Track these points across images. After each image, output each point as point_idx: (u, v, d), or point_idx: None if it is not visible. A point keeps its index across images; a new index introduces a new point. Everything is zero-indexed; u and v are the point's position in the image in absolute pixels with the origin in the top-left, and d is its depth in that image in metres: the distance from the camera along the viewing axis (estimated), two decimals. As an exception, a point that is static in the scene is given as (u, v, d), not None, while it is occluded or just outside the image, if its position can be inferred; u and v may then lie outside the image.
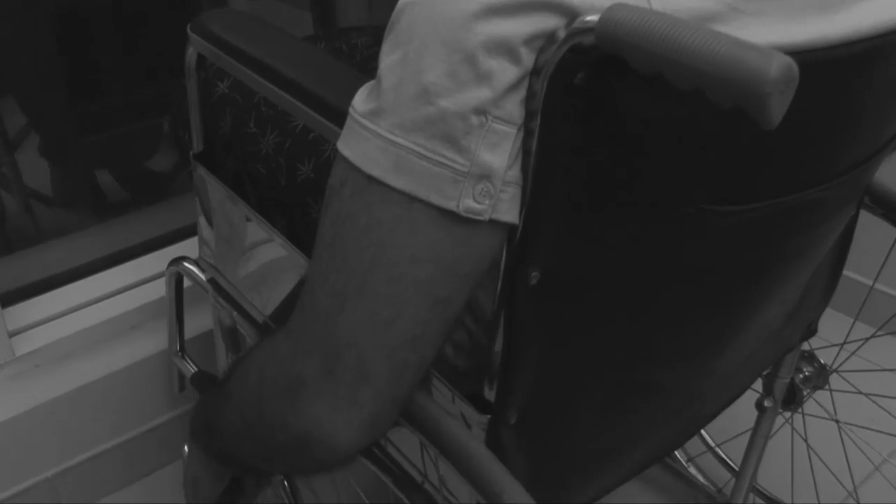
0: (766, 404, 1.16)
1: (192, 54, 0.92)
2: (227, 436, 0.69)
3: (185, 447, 0.83)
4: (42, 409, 1.29)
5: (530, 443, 0.72)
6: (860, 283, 1.62)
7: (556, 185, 0.54)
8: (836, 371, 1.23)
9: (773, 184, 0.64)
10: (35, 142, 1.75)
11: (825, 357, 1.19)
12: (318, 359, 0.57)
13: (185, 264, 1.14)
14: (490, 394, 0.66)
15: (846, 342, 1.28)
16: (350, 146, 0.54)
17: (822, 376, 1.19)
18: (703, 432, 1.49)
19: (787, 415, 1.30)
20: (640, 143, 0.56)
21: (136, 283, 1.45)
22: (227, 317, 1.07)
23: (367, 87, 0.54)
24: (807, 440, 1.40)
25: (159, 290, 1.43)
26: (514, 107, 0.50)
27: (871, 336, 1.37)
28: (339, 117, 0.61)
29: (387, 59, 0.52)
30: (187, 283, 1.19)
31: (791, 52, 0.44)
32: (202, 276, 1.11)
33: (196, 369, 1.25)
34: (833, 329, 1.23)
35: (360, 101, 0.54)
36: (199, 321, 1.36)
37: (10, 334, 1.32)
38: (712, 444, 1.49)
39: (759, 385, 1.15)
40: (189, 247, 1.49)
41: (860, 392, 1.36)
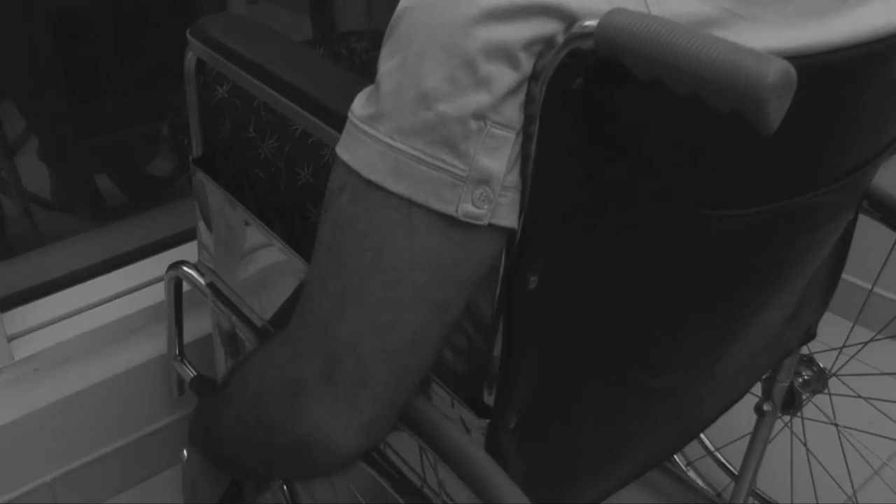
0: (765, 408, 1.16)
1: (191, 59, 0.92)
2: (227, 440, 0.69)
3: (184, 451, 0.83)
4: (41, 414, 1.29)
5: (529, 447, 0.72)
6: (859, 286, 1.62)
7: (554, 189, 0.54)
8: (836, 375, 1.23)
9: (772, 188, 0.64)
10: (34, 146, 1.75)
11: (824, 361, 1.19)
12: (318, 363, 0.57)
13: (185, 268, 1.14)
14: (489, 398, 0.66)
15: (845, 346, 1.28)
16: (349, 151, 0.54)
17: (821, 380, 1.19)
18: (702, 436, 1.49)
19: (787, 419, 1.31)
20: (639, 148, 0.56)
21: (135, 288, 1.45)
22: (226, 321, 1.07)
23: (366, 91, 0.54)
24: (806, 444, 1.40)
25: (158, 294, 1.42)
26: (513, 111, 0.50)
27: (871, 340, 1.37)
28: (338, 122, 0.61)
29: (386, 63, 0.52)
30: (186, 287, 1.19)
31: (789, 56, 0.44)
32: (201, 280, 1.11)
33: (195, 373, 1.25)
34: (832, 333, 1.23)
35: (359, 106, 0.54)
36: (198, 325, 1.36)
37: (9, 338, 1.32)
38: (711, 448, 1.48)
39: (758, 389, 1.15)
40: (188, 251, 1.49)
41: (859, 396, 1.36)
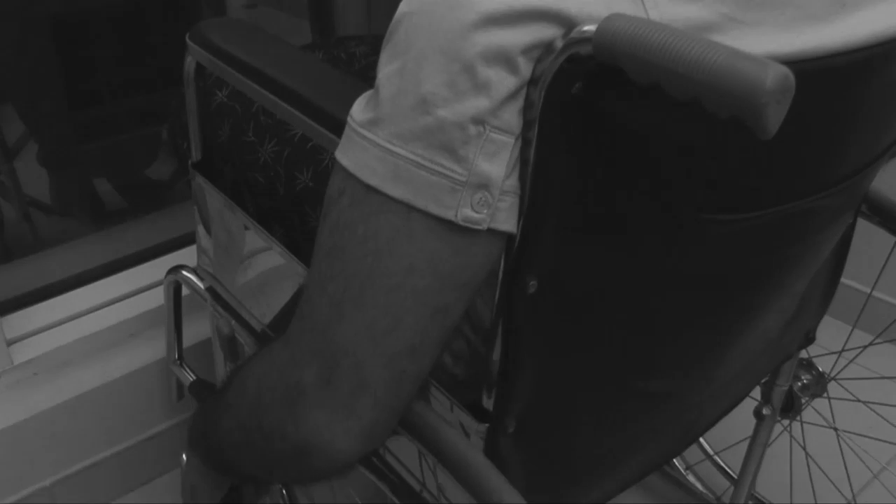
0: (764, 412, 1.16)
1: (190, 63, 0.92)
2: (226, 444, 0.69)
3: (184, 456, 0.83)
4: (40, 418, 1.29)
5: (528, 451, 0.72)
6: (858, 290, 1.62)
7: (553, 194, 0.54)
8: (835, 379, 1.23)
9: (771, 192, 0.64)
10: (34, 150, 1.75)
11: (823, 365, 1.19)
12: (317, 368, 0.57)
13: (184, 273, 1.14)
14: (488, 402, 0.66)
15: (844, 350, 1.28)
16: (348, 155, 0.54)
17: (820, 384, 1.19)
18: (701, 440, 1.49)
19: (786, 423, 1.30)
20: (638, 153, 0.56)
21: (134, 292, 1.45)
22: (225, 325, 1.07)
23: (365, 96, 0.54)
24: (805, 448, 1.40)
25: (158, 298, 1.43)
26: (512, 116, 0.50)
27: (870, 344, 1.36)
28: (337, 126, 0.62)
29: (385, 68, 0.52)
30: (186, 291, 1.19)
31: (788, 61, 0.44)
32: (200, 284, 1.11)
33: (194, 378, 1.25)
34: (831, 337, 1.23)
35: (359, 111, 0.54)
36: (197, 329, 1.36)
37: (9, 342, 1.32)
38: (711, 452, 1.48)
39: (757, 393, 1.15)
40: (187, 255, 1.49)
41: (858, 400, 1.36)
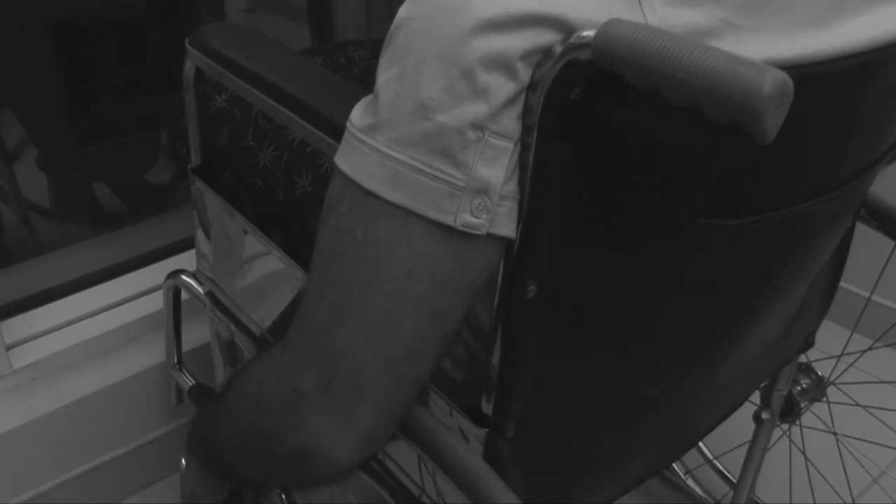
0: (763, 416, 1.16)
1: (189, 68, 0.92)
2: (225, 449, 0.69)
3: (183, 460, 0.83)
4: (39, 422, 1.29)
5: (528, 456, 0.72)
6: (857, 294, 1.62)
7: (552, 199, 0.54)
8: (834, 383, 1.22)
9: (770, 197, 0.64)
10: (33, 154, 1.75)
11: (823, 369, 1.19)
12: (316, 372, 0.57)
13: (183, 277, 1.15)
14: (488, 407, 0.66)
15: (844, 354, 1.28)
16: (347, 160, 0.54)
17: (819, 388, 1.19)
18: (700, 444, 1.49)
19: (785, 427, 1.30)
20: (637, 158, 0.56)
21: (133, 296, 1.45)
22: (224, 330, 1.07)
23: (364, 101, 0.54)
24: (805, 452, 1.40)
25: (157, 302, 1.43)
26: (511, 122, 0.50)
27: (869, 348, 1.37)
28: (336, 131, 0.62)
29: (384, 73, 0.52)
30: (185, 295, 1.19)
31: (786, 66, 0.44)
32: (200, 288, 1.11)
33: (194, 382, 1.25)
34: (830, 341, 1.23)
35: (358, 116, 0.54)
36: (196, 334, 1.36)
37: (8, 347, 1.32)
38: (710, 457, 1.48)
39: (756, 397, 1.15)
40: (187, 259, 1.49)
41: (858, 404, 1.36)
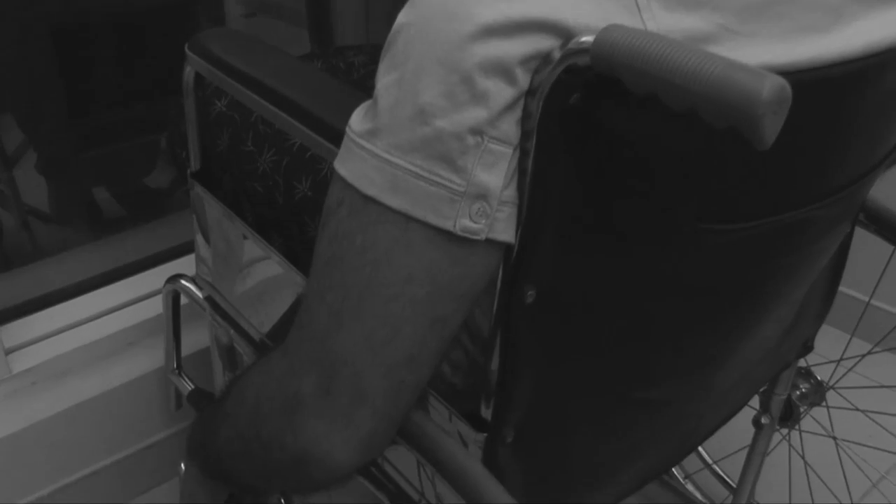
0: (763, 421, 1.16)
1: (189, 73, 0.92)
2: (224, 454, 0.69)
3: (182, 465, 0.83)
4: (39, 427, 1.29)
5: (527, 461, 0.72)
6: (856, 299, 1.62)
7: (551, 204, 0.55)
8: (833, 388, 1.23)
9: (769, 202, 0.64)
10: (32, 158, 1.75)
11: (822, 374, 1.19)
12: (316, 377, 0.57)
13: (183, 282, 1.15)
14: (487, 412, 0.66)
15: (843, 359, 1.28)
16: (347, 166, 0.54)
17: (818, 393, 1.19)
18: (700, 449, 1.49)
19: (785, 431, 1.31)
20: (635, 163, 0.56)
21: (133, 301, 1.45)
22: (224, 334, 1.07)
23: (363, 106, 0.54)
24: (804, 457, 1.40)
25: (156, 307, 1.42)
26: (510, 127, 0.50)
27: (868, 352, 1.36)
28: (335, 137, 0.62)
29: (383, 79, 0.52)
30: (184, 300, 1.19)
31: (784, 72, 0.44)
32: (199, 293, 1.11)
33: (193, 387, 1.25)
34: (830, 345, 1.23)
35: (357, 121, 0.54)
36: (196, 338, 1.35)
37: (7, 351, 1.32)
38: (710, 461, 1.48)
39: (756, 402, 1.15)
40: (186, 264, 1.49)
41: (857, 409, 1.36)
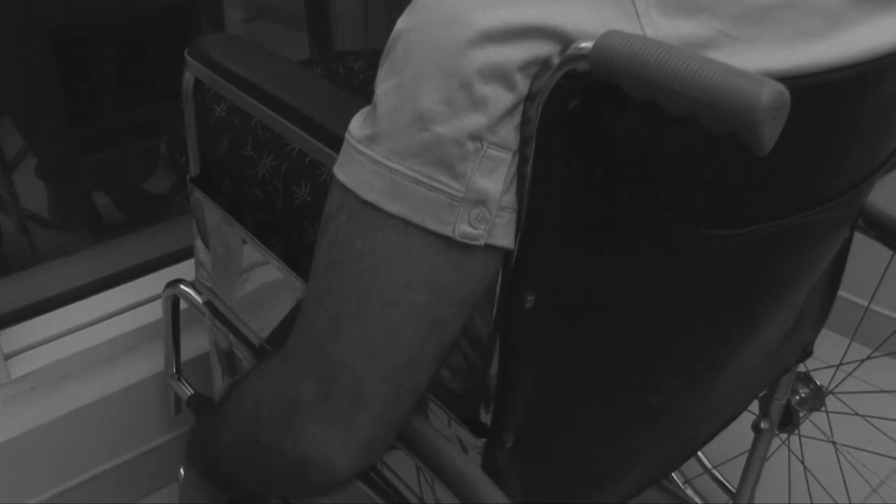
0: (762, 426, 1.16)
1: (189, 78, 0.92)
2: (224, 459, 0.69)
3: (181, 470, 0.83)
4: (38, 432, 1.28)
5: (526, 466, 0.72)
6: (856, 303, 1.62)
7: (551, 209, 0.55)
8: (833, 392, 1.22)
9: (768, 207, 0.64)
10: (32, 163, 1.75)
11: (821, 378, 1.19)
12: (315, 382, 0.57)
13: (182, 287, 1.14)
14: (486, 417, 0.66)
15: (842, 363, 1.28)
16: (346, 171, 0.54)
17: (818, 398, 1.19)
18: (699, 454, 1.49)
19: (784, 436, 1.30)
20: (635, 169, 0.56)
21: (132, 306, 1.45)
22: (223, 339, 1.07)
23: (363, 112, 0.55)
24: (804, 462, 1.40)
25: (156, 312, 1.42)
26: (509, 133, 0.50)
27: (868, 357, 1.37)
28: (335, 142, 0.62)
29: (383, 84, 0.52)
30: (184, 305, 1.19)
31: (783, 77, 0.44)
32: (199, 298, 1.11)
33: (192, 392, 1.25)
34: (829, 350, 1.23)
35: (357, 127, 0.54)
36: (195, 343, 1.35)
37: (6, 356, 1.31)
38: (709, 466, 1.48)
39: (755, 407, 1.15)
40: (185, 269, 1.49)
41: (857, 414, 1.36)
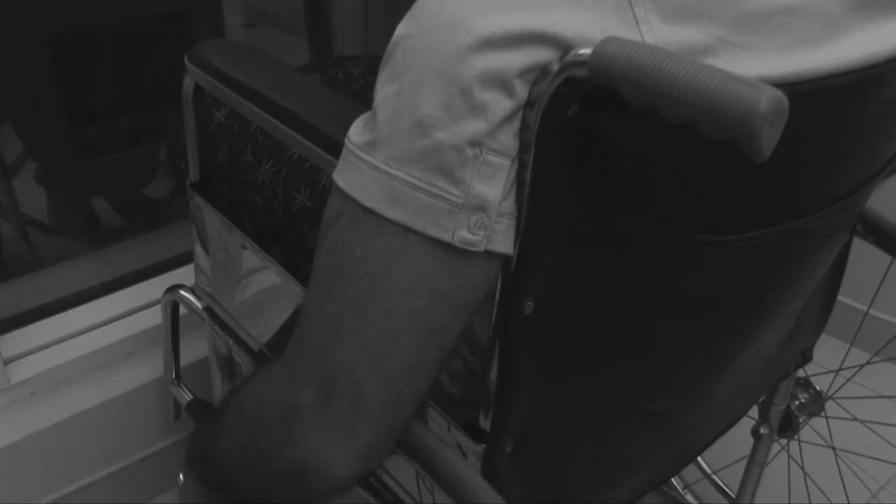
0: (762, 431, 1.16)
1: (189, 84, 0.92)
2: (223, 465, 0.69)
3: (181, 476, 0.83)
4: (37, 437, 1.28)
5: (526, 471, 0.72)
6: (855, 308, 1.62)
7: (550, 215, 0.55)
8: (832, 398, 1.22)
9: (767, 213, 0.64)
10: (32, 169, 1.75)
11: (821, 384, 1.19)
12: (315, 389, 0.57)
13: (181, 292, 1.14)
14: (485, 422, 0.66)
15: (842, 368, 1.28)
16: (346, 177, 0.54)
17: (817, 403, 1.19)
18: (699, 459, 1.48)
19: (784, 442, 1.30)
20: (633, 175, 0.56)
21: (131, 311, 1.45)
22: (222, 345, 1.07)
23: (362, 118, 0.55)
24: (803, 467, 1.40)
25: (155, 317, 1.42)
26: (509, 139, 0.50)
27: (867, 362, 1.36)
28: (334, 148, 0.62)
29: (382, 90, 0.52)
30: (183, 310, 1.19)
31: (781, 84, 0.44)
32: (198, 303, 1.11)
33: (192, 397, 1.25)
34: (828, 355, 1.23)
35: (356, 133, 0.54)
36: (194, 349, 1.35)
37: (6, 362, 1.31)
38: (709, 471, 1.48)
39: (755, 412, 1.15)
40: (185, 274, 1.49)
41: (856, 419, 1.36)
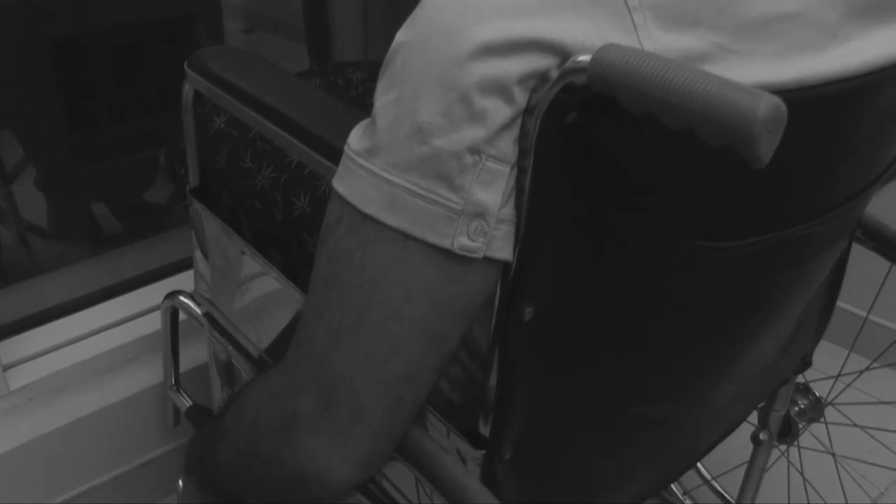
0: (761, 437, 1.16)
1: (188, 90, 0.92)
2: (223, 471, 0.69)
3: (180, 482, 0.83)
4: (36, 443, 1.28)
5: (525, 478, 0.72)
6: (854, 314, 1.62)
7: (549, 222, 0.55)
8: (832, 404, 1.22)
9: (766, 219, 0.64)
10: (31, 174, 1.75)
11: (820, 389, 1.19)
12: (314, 395, 0.57)
13: (181, 298, 1.14)
14: (485, 429, 0.66)
15: (841, 374, 1.28)
16: (345, 184, 0.54)
17: (817, 409, 1.19)
18: (698, 465, 1.48)
19: (783, 447, 1.30)
20: (632, 181, 0.56)
21: (131, 317, 1.45)
22: (222, 351, 1.07)
23: (362, 125, 0.55)
24: (803, 473, 1.40)
25: (155, 323, 1.42)
26: (508, 145, 0.51)
27: (867, 368, 1.37)
28: (334, 155, 0.62)
29: (382, 97, 0.52)
30: (183, 316, 1.19)
31: (780, 90, 0.44)
32: (198, 309, 1.11)
33: (191, 403, 1.25)
34: (828, 361, 1.23)
35: (356, 140, 0.54)
36: (194, 355, 1.35)
37: (5, 367, 1.31)
38: (708, 477, 1.48)
39: (754, 418, 1.15)
40: (185, 280, 1.49)
41: (856, 425, 1.36)
